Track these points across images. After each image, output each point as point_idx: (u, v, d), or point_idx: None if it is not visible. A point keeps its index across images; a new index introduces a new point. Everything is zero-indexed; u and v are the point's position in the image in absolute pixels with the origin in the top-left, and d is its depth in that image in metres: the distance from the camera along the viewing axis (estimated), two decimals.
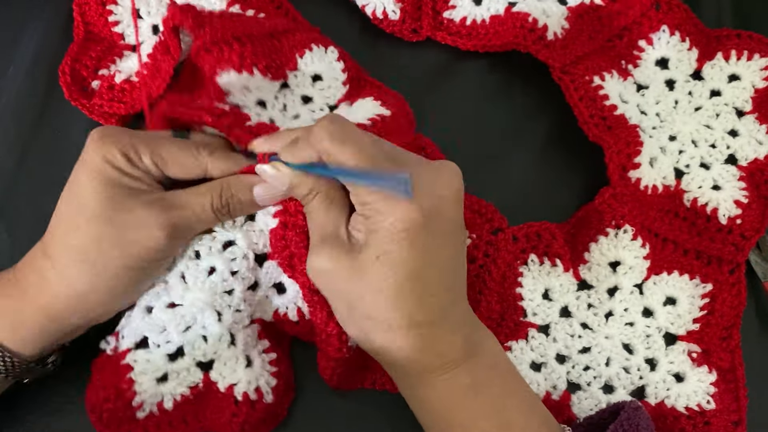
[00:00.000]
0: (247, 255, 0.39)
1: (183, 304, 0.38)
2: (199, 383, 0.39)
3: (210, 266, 0.39)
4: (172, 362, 0.39)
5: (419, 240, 0.33)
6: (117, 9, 0.49)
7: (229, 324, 0.39)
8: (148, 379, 0.38)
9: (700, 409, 0.43)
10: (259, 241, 0.40)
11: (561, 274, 0.46)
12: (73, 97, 0.46)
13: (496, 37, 0.50)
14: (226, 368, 0.39)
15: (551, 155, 0.51)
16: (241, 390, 0.39)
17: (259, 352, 0.40)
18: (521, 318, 0.45)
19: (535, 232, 0.47)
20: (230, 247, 0.39)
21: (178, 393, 0.39)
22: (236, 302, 0.39)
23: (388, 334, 0.34)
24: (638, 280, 0.46)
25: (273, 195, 0.38)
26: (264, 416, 0.40)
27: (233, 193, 0.37)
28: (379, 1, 0.51)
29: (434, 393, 0.35)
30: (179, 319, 0.38)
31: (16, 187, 0.46)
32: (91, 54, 0.47)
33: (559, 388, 0.44)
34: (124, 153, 0.35)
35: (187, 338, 0.39)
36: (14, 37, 0.50)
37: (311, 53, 0.46)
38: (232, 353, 0.39)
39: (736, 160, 0.49)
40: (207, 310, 0.38)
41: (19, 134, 0.47)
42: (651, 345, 0.45)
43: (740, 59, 0.52)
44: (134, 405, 0.38)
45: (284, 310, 0.41)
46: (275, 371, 0.41)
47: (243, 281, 0.39)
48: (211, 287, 0.38)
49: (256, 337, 0.41)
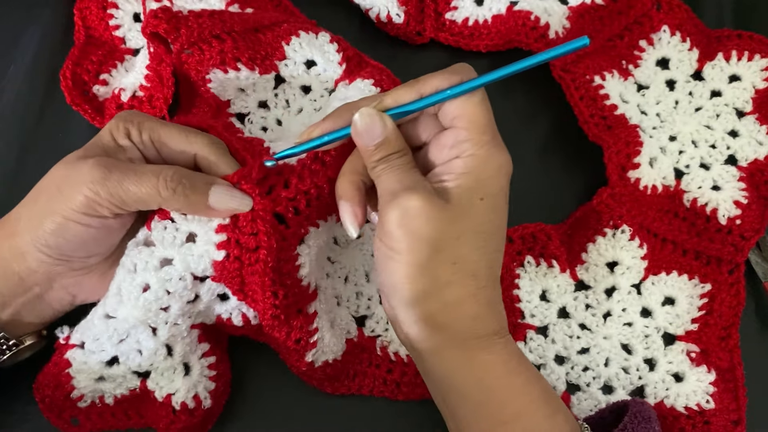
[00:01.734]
0: (184, 277, 0.36)
1: (116, 318, 0.37)
2: (136, 389, 0.38)
3: (145, 283, 0.36)
4: (108, 367, 0.38)
5: (507, 194, 0.35)
6: (118, 13, 0.48)
7: (166, 338, 0.37)
8: (85, 377, 0.37)
9: (700, 408, 0.43)
10: (198, 266, 0.36)
11: (558, 275, 0.46)
12: (74, 102, 0.46)
13: (498, 36, 0.51)
14: (163, 378, 0.38)
15: (551, 155, 0.51)
16: (179, 399, 0.38)
17: (198, 357, 0.39)
18: (519, 320, 0.45)
19: (531, 234, 0.47)
20: (167, 266, 0.36)
21: (117, 393, 0.38)
22: (173, 318, 0.37)
23: (470, 282, 0.34)
24: (636, 281, 0.46)
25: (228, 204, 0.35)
26: (202, 420, 0.39)
27: (189, 182, 0.35)
28: (383, 5, 0.51)
29: (492, 357, 0.35)
30: (112, 331, 0.37)
31: (16, 187, 0.45)
32: (92, 58, 0.47)
33: (558, 389, 0.44)
34: (127, 127, 0.37)
35: (121, 350, 0.37)
36: (14, 37, 0.50)
37: (298, 39, 0.45)
38: (170, 364, 0.38)
39: (736, 161, 0.50)
40: (140, 327, 0.36)
41: (19, 134, 0.47)
42: (650, 345, 0.45)
43: (741, 60, 0.52)
44: (73, 397, 0.38)
45: (228, 315, 0.39)
46: (214, 375, 0.40)
47: (181, 298, 0.37)
48: (145, 305, 0.36)
49: (196, 342, 0.39)
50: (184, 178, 0.35)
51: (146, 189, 0.34)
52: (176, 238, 0.36)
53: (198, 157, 0.37)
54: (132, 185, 0.34)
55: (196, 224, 0.36)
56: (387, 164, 0.34)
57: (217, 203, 0.35)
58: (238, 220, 0.35)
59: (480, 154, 0.34)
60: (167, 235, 0.36)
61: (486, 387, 0.35)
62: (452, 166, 0.34)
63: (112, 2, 0.48)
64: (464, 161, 0.34)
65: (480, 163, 0.34)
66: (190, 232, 0.37)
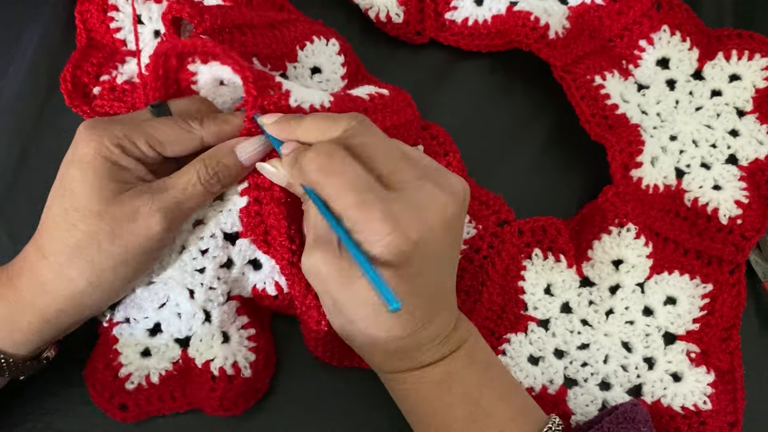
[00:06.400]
0: (215, 234, 0.39)
1: (156, 282, 0.39)
2: (178, 359, 0.40)
3: (180, 244, 0.39)
4: (152, 337, 0.40)
5: (404, 269, 0.32)
6: (118, 16, 0.48)
7: (203, 302, 0.39)
8: (131, 351, 0.40)
9: (696, 409, 0.43)
10: (227, 220, 0.39)
11: (564, 270, 0.46)
12: (74, 104, 0.46)
13: (498, 36, 0.51)
14: (202, 344, 0.40)
15: (552, 155, 0.51)
16: (217, 365, 0.39)
17: (237, 328, 0.41)
18: (522, 311, 0.46)
19: (541, 227, 0.47)
20: (199, 225, 0.39)
21: (162, 368, 0.40)
22: (208, 280, 0.39)
23: (367, 340, 0.35)
24: (640, 279, 0.46)
25: (256, 150, 0.37)
26: (243, 390, 0.40)
27: (218, 161, 0.37)
28: (383, 5, 0.51)
29: (408, 386, 0.37)
30: (153, 296, 0.39)
31: (16, 187, 0.46)
32: (93, 60, 0.47)
33: (555, 383, 0.44)
34: (118, 144, 0.35)
35: (162, 315, 0.40)
36: (14, 36, 0.50)
37: (312, 45, 0.46)
38: (208, 330, 0.39)
39: (737, 160, 0.49)
40: (178, 288, 0.39)
41: (19, 134, 0.47)
42: (650, 344, 0.45)
43: (741, 59, 0.51)
44: (121, 376, 0.40)
45: (262, 285, 0.41)
46: (253, 347, 0.41)
47: (214, 259, 0.39)
48: (181, 266, 0.39)
49: (235, 314, 0.41)
50: (210, 162, 0.37)
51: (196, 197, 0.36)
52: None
53: (205, 139, 0.37)
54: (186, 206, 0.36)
55: None
56: (305, 203, 0.36)
57: (247, 159, 0.37)
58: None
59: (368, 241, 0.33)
60: None
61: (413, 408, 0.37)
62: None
63: (113, 5, 0.48)
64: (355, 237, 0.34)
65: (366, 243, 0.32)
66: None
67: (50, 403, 0.41)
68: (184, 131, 0.37)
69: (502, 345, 0.45)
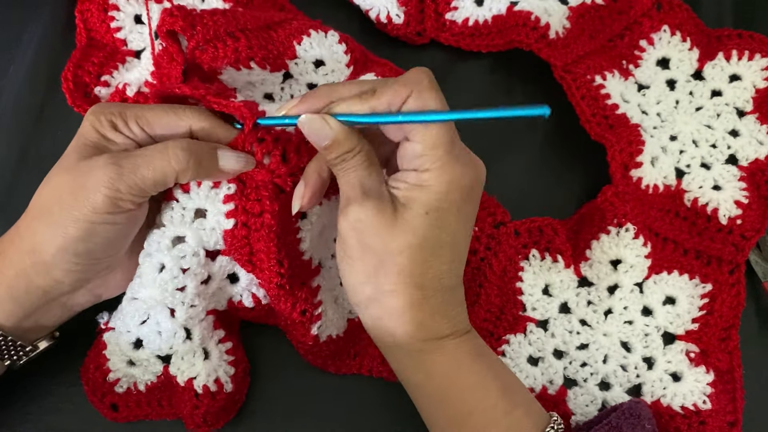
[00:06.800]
0: (198, 252, 0.39)
1: (138, 299, 0.39)
2: (161, 375, 0.40)
3: (160, 263, 0.38)
4: (135, 350, 0.40)
5: (463, 208, 0.35)
6: (119, 15, 0.48)
7: (184, 320, 0.39)
8: (118, 360, 0.40)
9: (696, 408, 0.44)
10: (210, 239, 0.39)
11: (562, 270, 0.46)
12: (75, 104, 0.46)
13: (498, 36, 0.51)
14: (183, 362, 0.39)
15: (552, 154, 0.51)
16: (200, 383, 0.39)
17: (216, 343, 0.41)
18: (520, 312, 0.46)
19: (538, 228, 0.47)
20: (179, 244, 0.38)
21: (146, 379, 0.40)
22: (190, 298, 0.39)
23: (414, 291, 0.35)
24: (639, 279, 0.46)
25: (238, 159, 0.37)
26: (224, 405, 0.40)
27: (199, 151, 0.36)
28: (383, 6, 0.51)
29: (443, 358, 0.36)
30: (134, 312, 0.39)
31: (16, 187, 0.46)
32: (93, 60, 0.47)
33: (555, 383, 0.44)
34: (111, 120, 0.36)
35: (143, 332, 0.39)
36: (14, 37, 0.50)
37: (309, 39, 0.46)
38: (189, 347, 0.39)
39: (737, 161, 0.50)
40: (158, 307, 0.38)
41: (19, 134, 0.47)
42: (649, 344, 0.45)
43: (741, 59, 0.52)
44: (110, 380, 0.40)
45: (239, 298, 0.41)
46: (233, 360, 0.41)
47: (195, 277, 0.39)
48: (162, 284, 0.38)
49: (212, 328, 0.41)
50: (191, 146, 0.36)
51: (160, 169, 0.35)
52: (185, 216, 0.38)
53: (193, 129, 0.37)
54: (146, 171, 0.35)
55: (203, 200, 0.38)
56: (343, 164, 0.35)
57: (226, 165, 0.37)
58: (244, 188, 0.38)
59: (432, 169, 0.34)
60: (175, 214, 0.38)
61: (437, 386, 0.37)
62: (406, 176, 0.35)
63: (113, 4, 0.48)
64: (417, 175, 0.35)
65: (430, 178, 0.34)
66: (197, 208, 0.39)
67: (50, 403, 0.41)
68: (174, 115, 0.37)
69: (502, 346, 0.45)
